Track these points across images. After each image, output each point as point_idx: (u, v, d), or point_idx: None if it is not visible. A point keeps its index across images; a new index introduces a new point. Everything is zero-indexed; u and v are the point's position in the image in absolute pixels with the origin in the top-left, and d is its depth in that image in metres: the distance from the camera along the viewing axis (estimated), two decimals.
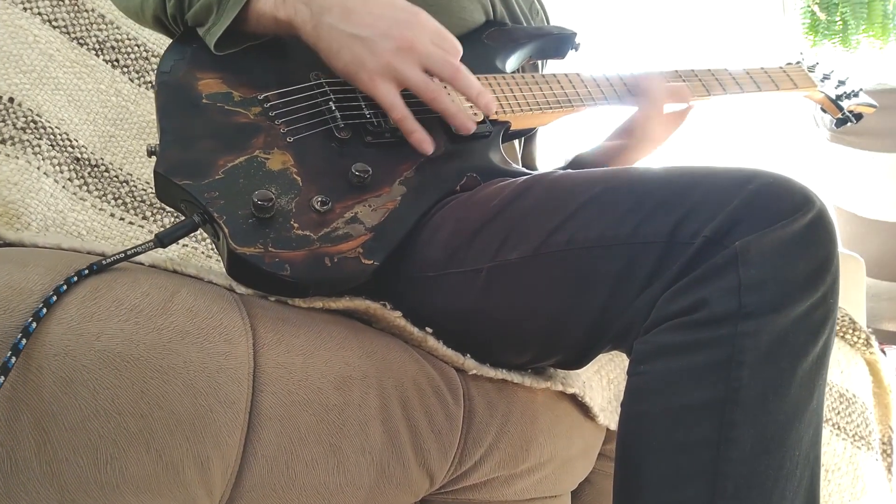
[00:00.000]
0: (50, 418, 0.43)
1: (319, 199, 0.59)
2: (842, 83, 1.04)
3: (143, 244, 0.53)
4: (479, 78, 0.76)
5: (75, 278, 0.46)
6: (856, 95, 1.04)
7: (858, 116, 1.06)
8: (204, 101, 0.62)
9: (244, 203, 0.57)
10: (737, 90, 0.94)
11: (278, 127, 0.63)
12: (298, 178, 0.60)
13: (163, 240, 0.55)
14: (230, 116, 0.62)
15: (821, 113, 1.56)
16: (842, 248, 0.61)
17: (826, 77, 1.04)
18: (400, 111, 0.65)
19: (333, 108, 0.66)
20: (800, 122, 2.17)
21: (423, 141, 0.66)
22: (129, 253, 0.51)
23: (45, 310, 0.44)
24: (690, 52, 2.54)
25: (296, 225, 0.58)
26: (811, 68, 1.04)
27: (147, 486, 0.45)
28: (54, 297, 0.44)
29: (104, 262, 0.49)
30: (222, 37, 0.64)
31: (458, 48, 0.68)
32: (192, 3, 0.66)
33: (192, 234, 0.77)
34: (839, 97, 1.03)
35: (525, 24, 0.93)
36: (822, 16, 2.53)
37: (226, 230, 0.55)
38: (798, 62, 1.05)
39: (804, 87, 0.98)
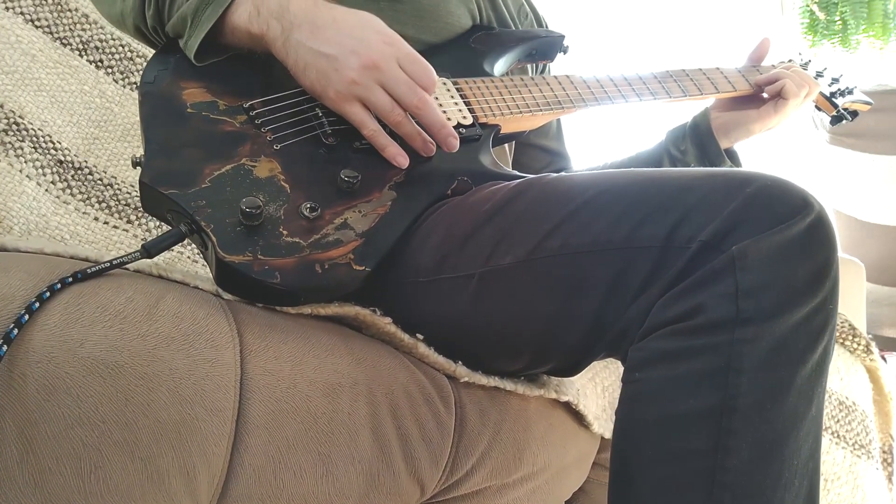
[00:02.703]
0: (33, 426, 0.42)
1: (308, 205, 0.58)
2: (835, 80, 1.04)
3: (130, 254, 0.52)
4: (468, 81, 0.76)
5: (59, 286, 0.46)
6: (850, 93, 1.03)
7: (854, 114, 1.05)
8: (189, 110, 0.62)
9: (232, 211, 0.56)
10: (729, 89, 0.93)
11: (265, 134, 0.63)
12: (286, 186, 0.60)
13: (149, 250, 0.54)
14: (216, 125, 0.62)
15: (820, 115, 1.55)
16: (841, 253, 0.60)
17: (819, 74, 1.04)
18: (370, 128, 0.64)
19: (320, 114, 0.65)
20: (799, 125, 2.16)
21: (397, 155, 0.65)
22: (114, 263, 0.51)
23: (27, 316, 0.43)
24: (688, 52, 2.54)
25: (285, 232, 0.57)
26: (804, 66, 1.03)
27: (132, 495, 0.45)
28: (37, 304, 0.44)
29: (88, 270, 0.49)
30: (203, 49, 0.64)
31: (432, 78, 0.65)
32: (170, 15, 0.66)
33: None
34: (833, 94, 1.03)
35: (513, 28, 0.93)
36: (821, 16, 2.52)
37: (214, 239, 0.54)
38: (790, 60, 1.05)
39: None
